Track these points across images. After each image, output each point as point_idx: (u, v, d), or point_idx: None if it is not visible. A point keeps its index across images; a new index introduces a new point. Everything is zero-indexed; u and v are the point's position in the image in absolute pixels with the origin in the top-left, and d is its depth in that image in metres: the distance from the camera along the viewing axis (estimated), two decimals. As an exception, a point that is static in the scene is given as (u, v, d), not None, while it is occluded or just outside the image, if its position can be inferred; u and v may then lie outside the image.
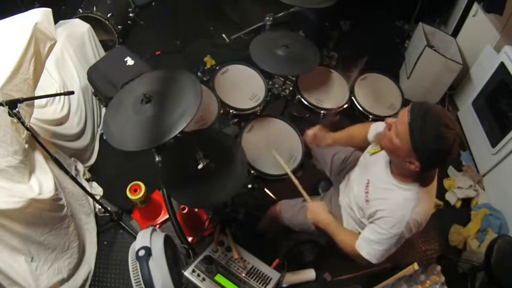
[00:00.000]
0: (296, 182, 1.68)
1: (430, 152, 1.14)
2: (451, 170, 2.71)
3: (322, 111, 2.14)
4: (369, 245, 1.34)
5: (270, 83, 2.54)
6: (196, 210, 2.20)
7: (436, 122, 1.11)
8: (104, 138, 2.54)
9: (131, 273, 1.65)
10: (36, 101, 1.88)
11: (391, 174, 1.34)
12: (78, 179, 2.01)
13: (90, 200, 2.22)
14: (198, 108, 1.44)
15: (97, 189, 2.32)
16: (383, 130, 1.31)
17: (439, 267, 1.77)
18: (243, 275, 1.67)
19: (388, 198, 1.31)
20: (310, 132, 1.73)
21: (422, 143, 1.13)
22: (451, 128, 1.11)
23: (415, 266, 1.92)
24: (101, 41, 2.76)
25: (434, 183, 1.33)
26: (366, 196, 1.42)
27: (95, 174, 2.40)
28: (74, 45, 2.44)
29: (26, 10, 1.75)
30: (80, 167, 2.27)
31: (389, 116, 2.16)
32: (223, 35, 3.25)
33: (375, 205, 1.35)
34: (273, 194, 2.31)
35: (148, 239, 1.73)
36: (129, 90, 1.64)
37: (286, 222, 1.78)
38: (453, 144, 1.11)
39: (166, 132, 1.40)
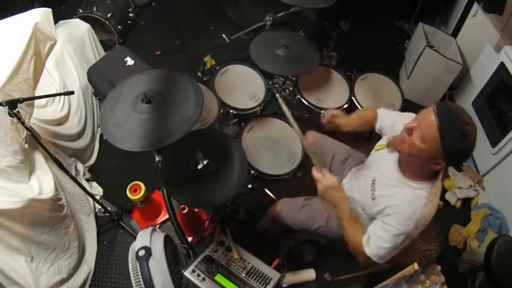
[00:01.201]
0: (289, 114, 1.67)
1: (457, 152, 1.17)
2: (451, 170, 2.70)
3: (322, 111, 2.14)
4: (375, 242, 1.33)
5: (270, 83, 2.54)
6: (196, 210, 2.20)
7: (461, 121, 1.14)
8: (104, 138, 2.54)
9: (131, 273, 1.65)
10: (36, 101, 1.88)
11: (401, 173, 1.33)
12: (78, 179, 2.01)
13: (90, 200, 2.22)
14: (198, 117, 1.46)
15: (97, 189, 2.32)
16: (400, 135, 1.28)
17: (439, 267, 1.77)
18: (243, 275, 1.67)
19: (397, 195, 1.30)
20: (328, 113, 1.71)
21: (451, 144, 1.14)
22: (472, 124, 1.15)
23: (415, 266, 1.92)
24: (101, 41, 2.76)
25: (439, 180, 1.33)
26: (372, 194, 1.40)
27: (95, 174, 2.40)
28: (74, 45, 2.44)
29: (26, 10, 1.75)
30: (80, 167, 2.27)
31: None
32: (223, 35, 3.25)
33: (383, 202, 1.33)
34: (273, 194, 2.31)
35: (148, 239, 1.73)
36: (129, 85, 1.63)
37: (287, 221, 1.78)
38: (474, 141, 1.15)
39: (164, 137, 1.41)
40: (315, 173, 1.50)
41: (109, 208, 2.19)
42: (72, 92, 1.89)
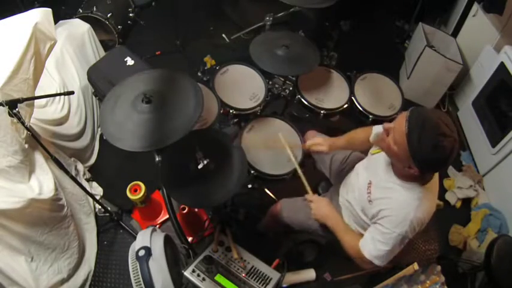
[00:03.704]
0: (300, 172, 1.70)
1: (428, 160, 1.16)
2: (451, 170, 2.71)
3: (322, 111, 2.14)
4: (373, 245, 1.34)
5: (270, 83, 2.54)
6: (196, 210, 2.20)
7: (434, 131, 1.12)
8: (104, 138, 2.53)
9: (131, 273, 1.65)
10: (36, 101, 1.88)
11: (394, 174, 1.34)
12: (78, 179, 2.01)
13: (90, 200, 2.22)
14: (199, 117, 1.46)
15: (97, 189, 2.33)
16: (381, 133, 1.31)
17: (439, 267, 1.77)
18: (243, 275, 1.67)
19: (391, 197, 1.31)
20: (309, 142, 1.78)
21: (421, 153, 1.14)
22: (449, 135, 1.11)
23: (415, 266, 1.92)
24: (101, 41, 2.76)
25: (436, 179, 1.33)
26: (368, 196, 1.42)
27: (95, 174, 2.40)
28: (74, 45, 2.44)
29: (26, 10, 1.75)
30: (80, 167, 2.27)
31: (390, 116, 2.17)
32: (223, 35, 3.25)
33: (378, 205, 1.35)
34: (273, 194, 2.31)
35: (148, 239, 1.73)
36: (129, 85, 1.63)
37: (287, 221, 1.78)
38: (451, 151, 1.12)
39: (165, 137, 1.41)
40: (309, 196, 1.63)
41: (109, 208, 2.19)
42: (72, 92, 1.89)
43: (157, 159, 1.66)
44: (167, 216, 2.25)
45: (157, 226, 2.26)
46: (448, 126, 1.13)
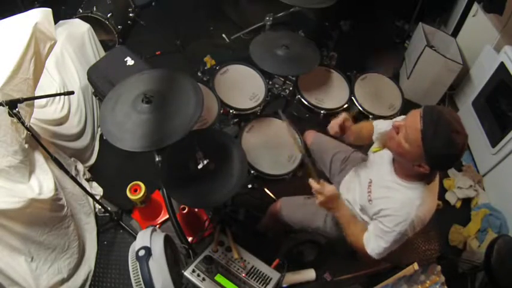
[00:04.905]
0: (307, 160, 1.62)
1: (440, 157, 1.17)
2: (451, 170, 2.70)
3: (322, 111, 2.14)
4: (375, 240, 1.35)
5: (270, 83, 2.54)
6: (196, 210, 2.20)
7: (448, 128, 1.13)
8: (104, 138, 2.54)
9: (131, 273, 1.65)
10: (36, 101, 1.88)
11: (395, 173, 1.34)
12: (78, 179, 2.01)
13: (90, 200, 2.22)
14: (199, 117, 1.46)
15: (97, 189, 2.33)
16: (389, 132, 1.30)
17: (439, 267, 1.77)
18: (243, 275, 1.67)
19: (391, 197, 1.31)
20: (336, 122, 1.62)
21: (434, 149, 1.15)
22: (461, 132, 1.13)
23: (415, 266, 1.92)
24: (101, 41, 2.76)
25: (437, 179, 1.34)
26: (368, 196, 1.42)
27: (95, 174, 2.40)
28: (74, 45, 2.44)
29: (26, 10, 1.75)
30: (80, 167, 2.27)
31: (390, 116, 2.17)
32: (223, 35, 3.25)
33: (378, 204, 1.35)
34: (273, 194, 2.31)
35: (148, 239, 1.73)
36: (129, 85, 1.63)
37: (286, 220, 1.78)
38: (463, 148, 1.14)
39: (165, 137, 1.42)
40: (314, 185, 1.46)
41: (109, 208, 2.19)
42: (72, 92, 1.89)
43: (157, 159, 1.66)
44: (167, 216, 2.25)
45: (157, 226, 2.25)
46: (459, 123, 1.15)
